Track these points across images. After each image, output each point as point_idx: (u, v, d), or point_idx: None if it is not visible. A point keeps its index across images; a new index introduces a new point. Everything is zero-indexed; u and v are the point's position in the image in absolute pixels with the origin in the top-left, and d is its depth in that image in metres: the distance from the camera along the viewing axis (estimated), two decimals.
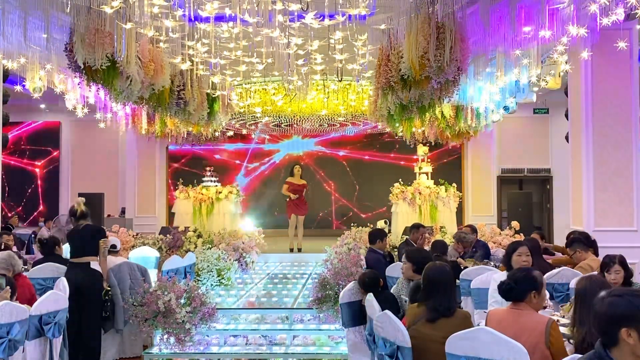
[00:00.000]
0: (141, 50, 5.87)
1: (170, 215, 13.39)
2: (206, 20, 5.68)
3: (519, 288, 3.28)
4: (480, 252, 7.13)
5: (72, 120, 13.73)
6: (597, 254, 6.02)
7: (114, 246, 6.32)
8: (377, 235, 6.83)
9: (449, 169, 14.14)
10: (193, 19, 5.70)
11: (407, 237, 7.81)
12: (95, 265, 5.71)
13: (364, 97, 10.25)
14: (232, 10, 5.14)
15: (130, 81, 5.72)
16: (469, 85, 8.01)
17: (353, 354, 5.10)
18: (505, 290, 3.31)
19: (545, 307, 4.21)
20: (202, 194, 11.92)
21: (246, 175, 15.16)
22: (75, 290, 5.44)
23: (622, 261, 4.53)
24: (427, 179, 11.77)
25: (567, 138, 8.89)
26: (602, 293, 2.44)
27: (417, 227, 7.59)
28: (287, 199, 11.03)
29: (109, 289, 5.74)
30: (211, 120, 8.97)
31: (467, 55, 5.54)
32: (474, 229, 7.75)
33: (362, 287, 4.82)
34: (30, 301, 4.72)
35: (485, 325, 3.28)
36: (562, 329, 3.42)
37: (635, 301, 2.33)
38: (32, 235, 11.24)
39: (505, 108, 10.22)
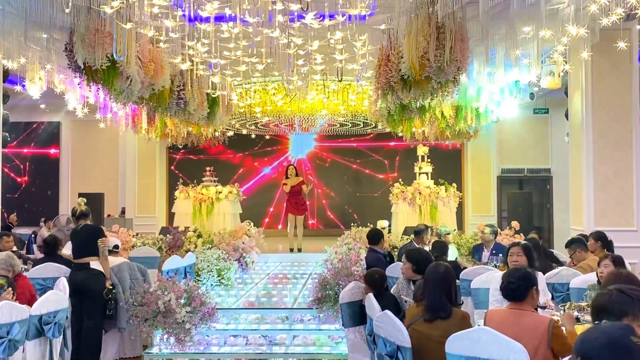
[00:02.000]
0: (141, 50, 5.87)
1: (170, 215, 13.39)
2: (206, 20, 5.68)
3: (522, 287, 3.30)
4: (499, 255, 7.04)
5: (72, 120, 13.73)
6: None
7: (116, 247, 6.33)
8: (376, 236, 6.85)
9: (449, 169, 14.16)
10: (193, 18, 5.70)
11: (412, 239, 7.79)
12: (95, 265, 5.71)
13: (364, 97, 10.24)
14: (232, 10, 5.14)
15: (130, 81, 5.72)
16: (469, 85, 8.01)
17: (353, 354, 5.10)
18: (511, 289, 3.33)
19: (545, 307, 4.21)
20: (202, 194, 11.92)
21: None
22: (76, 290, 5.47)
23: (615, 259, 4.58)
24: (427, 179, 11.77)
25: (567, 138, 8.89)
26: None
27: (425, 230, 7.54)
28: (285, 201, 11.05)
29: (111, 287, 5.74)
30: (211, 120, 8.97)
31: (467, 55, 5.54)
32: (494, 231, 7.53)
33: (370, 284, 4.80)
34: (30, 301, 4.72)
35: (484, 325, 3.28)
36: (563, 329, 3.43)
37: (614, 295, 2.45)
38: (32, 235, 11.24)
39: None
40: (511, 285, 3.32)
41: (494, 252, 7.15)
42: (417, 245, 7.22)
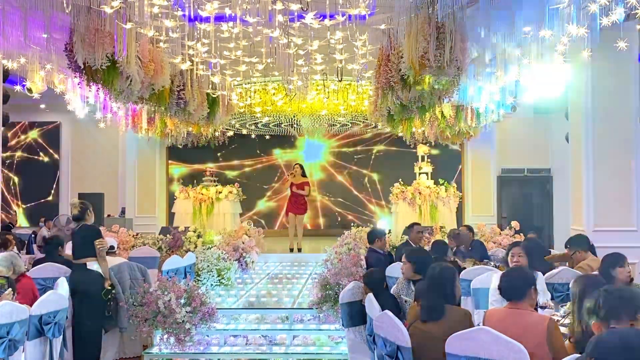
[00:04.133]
0: (141, 50, 5.88)
1: (170, 215, 13.39)
2: (206, 20, 5.68)
3: (521, 286, 3.32)
4: (477, 251, 7.13)
5: (72, 120, 13.72)
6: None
7: (111, 247, 6.31)
8: (376, 235, 6.85)
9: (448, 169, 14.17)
10: (193, 18, 5.70)
11: (407, 237, 7.83)
12: (93, 265, 5.70)
13: (364, 97, 10.25)
14: (232, 10, 5.14)
15: (130, 81, 5.72)
16: (469, 85, 8.01)
17: (353, 354, 5.10)
18: (509, 289, 3.34)
19: (545, 307, 4.21)
20: (202, 194, 11.93)
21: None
22: (76, 291, 5.47)
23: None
24: (427, 179, 11.77)
25: (567, 138, 8.89)
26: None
27: (411, 226, 7.64)
28: (287, 200, 11.06)
29: (110, 288, 5.74)
30: (211, 120, 8.97)
31: (467, 55, 5.54)
32: (470, 228, 7.76)
33: (369, 285, 4.80)
34: (33, 302, 4.71)
35: (483, 325, 3.28)
36: (562, 329, 3.43)
37: (602, 295, 2.47)
38: (32, 235, 11.23)
39: (513, 108, 10.10)
40: (509, 285, 3.33)
41: (470, 248, 7.20)
42: (412, 243, 7.23)
